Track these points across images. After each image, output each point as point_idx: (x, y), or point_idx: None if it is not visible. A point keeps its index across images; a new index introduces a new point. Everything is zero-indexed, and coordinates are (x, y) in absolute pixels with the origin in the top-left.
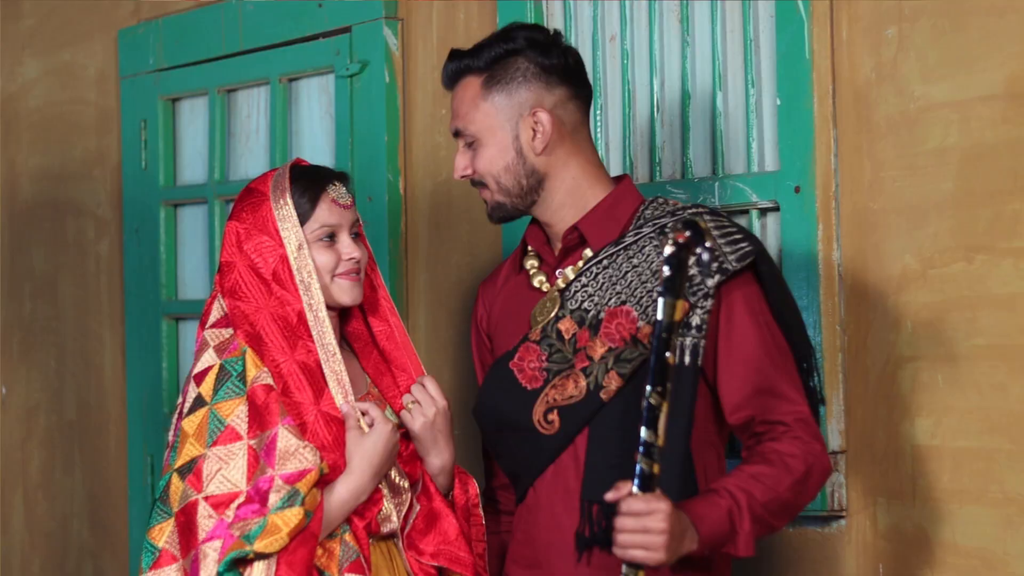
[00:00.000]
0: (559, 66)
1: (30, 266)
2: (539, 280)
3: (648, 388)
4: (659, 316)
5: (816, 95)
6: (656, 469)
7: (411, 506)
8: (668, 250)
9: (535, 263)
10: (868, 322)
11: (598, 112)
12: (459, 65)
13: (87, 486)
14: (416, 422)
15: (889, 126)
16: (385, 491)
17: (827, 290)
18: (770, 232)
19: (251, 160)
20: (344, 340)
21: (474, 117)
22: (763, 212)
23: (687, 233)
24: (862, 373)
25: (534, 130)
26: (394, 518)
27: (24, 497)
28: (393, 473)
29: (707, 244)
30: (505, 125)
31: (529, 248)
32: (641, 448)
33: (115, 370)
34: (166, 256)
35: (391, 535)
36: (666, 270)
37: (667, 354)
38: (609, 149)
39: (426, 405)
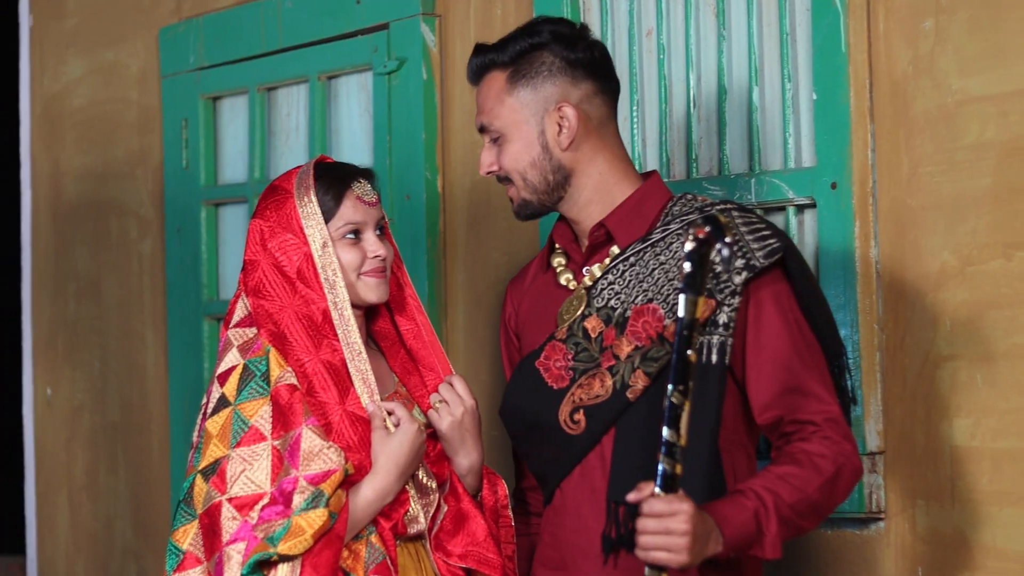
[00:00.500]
0: (585, 60)
1: (74, 266)
2: (566, 278)
3: (670, 387)
4: (680, 313)
5: (852, 89)
6: (679, 469)
7: (439, 507)
8: (689, 246)
9: (562, 261)
10: (906, 320)
11: (634, 108)
12: (484, 60)
13: (130, 487)
14: (444, 422)
15: (926, 120)
16: (412, 492)
17: (864, 288)
18: (807, 229)
19: (291, 159)
20: (371, 339)
21: (499, 112)
22: (800, 209)
23: (707, 229)
24: (900, 372)
25: (560, 125)
26: (421, 519)
27: (69, 498)
28: (420, 473)
29: (727, 239)
30: (530, 120)
31: (556, 246)
32: (663, 448)
33: (157, 371)
34: (207, 256)
35: (418, 536)
36: (687, 266)
37: (689, 352)
38: (646, 145)
39: (454, 404)
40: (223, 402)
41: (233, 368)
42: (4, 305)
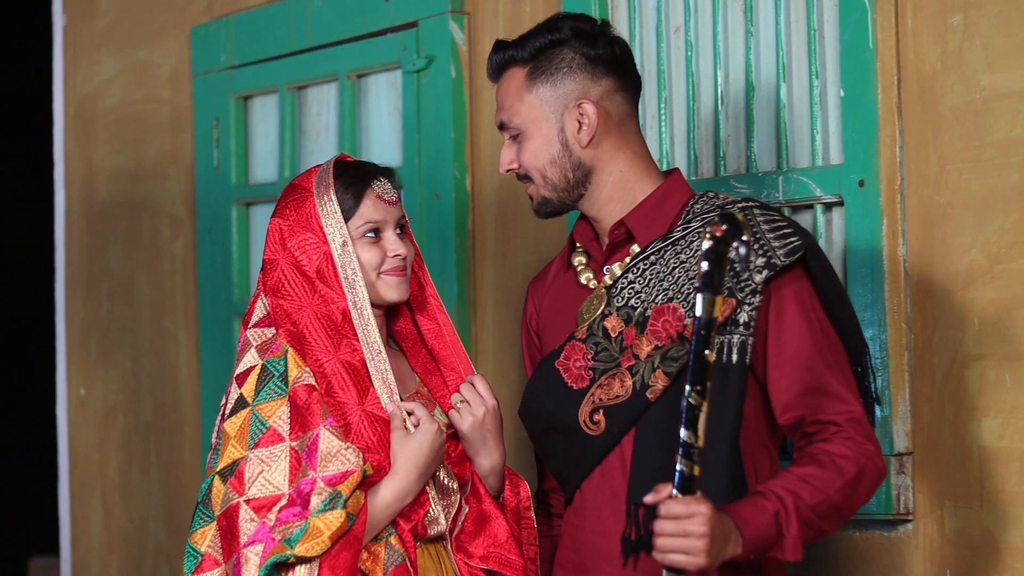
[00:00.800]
0: (605, 56)
1: (107, 266)
2: (586, 277)
3: (687, 387)
4: (698, 313)
5: (880, 86)
6: (696, 471)
7: (460, 508)
8: (705, 244)
9: (583, 259)
10: (934, 320)
11: (662, 105)
12: (504, 56)
13: (163, 488)
14: (465, 422)
15: (955, 117)
16: (432, 493)
17: (892, 287)
18: (835, 227)
19: (321, 158)
20: (392, 339)
21: (518, 109)
22: (828, 207)
23: (724, 227)
24: (928, 372)
25: (580, 122)
26: (442, 520)
27: (102, 499)
28: (442, 474)
29: (744, 238)
30: (550, 117)
31: (577, 244)
32: (680, 449)
33: (190, 371)
34: (238, 255)
35: (439, 537)
36: (704, 265)
37: (707, 352)
38: (674, 143)
39: (475, 404)
40: (241, 403)
41: (251, 368)
42: (38, 306)
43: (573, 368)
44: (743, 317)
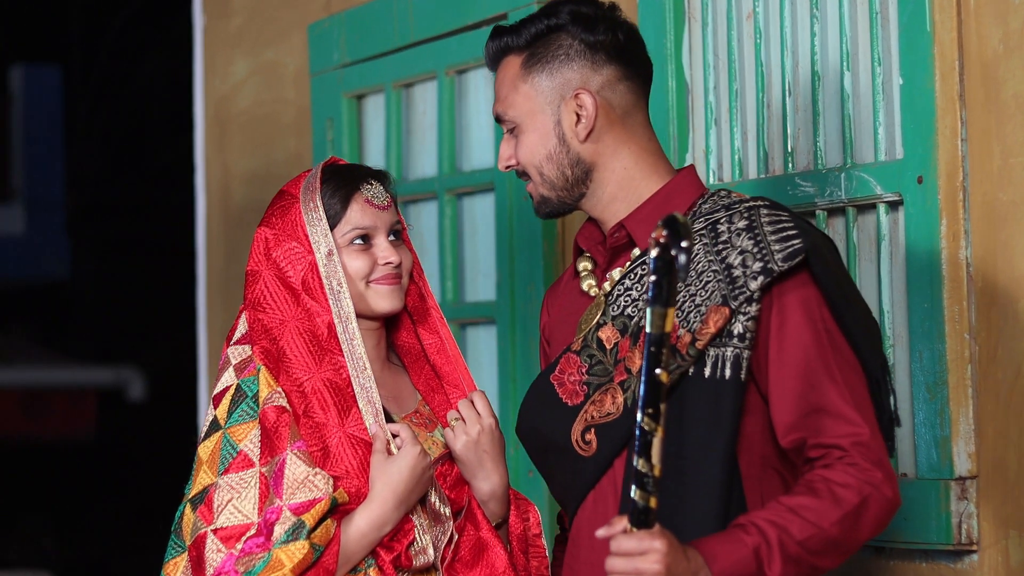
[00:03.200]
0: (607, 43)
1: (240, 271)
2: (588, 284)
3: (639, 412)
4: (647, 328)
5: (939, 72)
6: (653, 502)
7: (453, 535)
8: (653, 253)
9: (588, 265)
10: (999, 329)
11: (734, 100)
12: (500, 44)
13: None
14: (458, 441)
15: (1018, 105)
16: (418, 521)
17: (953, 293)
18: (899, 229)
19: (427, 159)
20: (394, 354)
21: (514, 100)
22: (892, 206)
23: (665, 232)
24: (992, 387)
25: (578, 114)
26: (430, 551)
27: None
28: (434, 499)
29: (683, 244)
30: (546, 109)
31: (583, 249)
32: (635, 479)
33: None
34: None
35: (428, 568)
36: (652, 276)
37: (658, 371)
38: (746, 140)
39: (470, 423)
40: (214, 425)
41: (227, 389)
42: (181, 311)
43: (568, 383)
44: (737, 328)
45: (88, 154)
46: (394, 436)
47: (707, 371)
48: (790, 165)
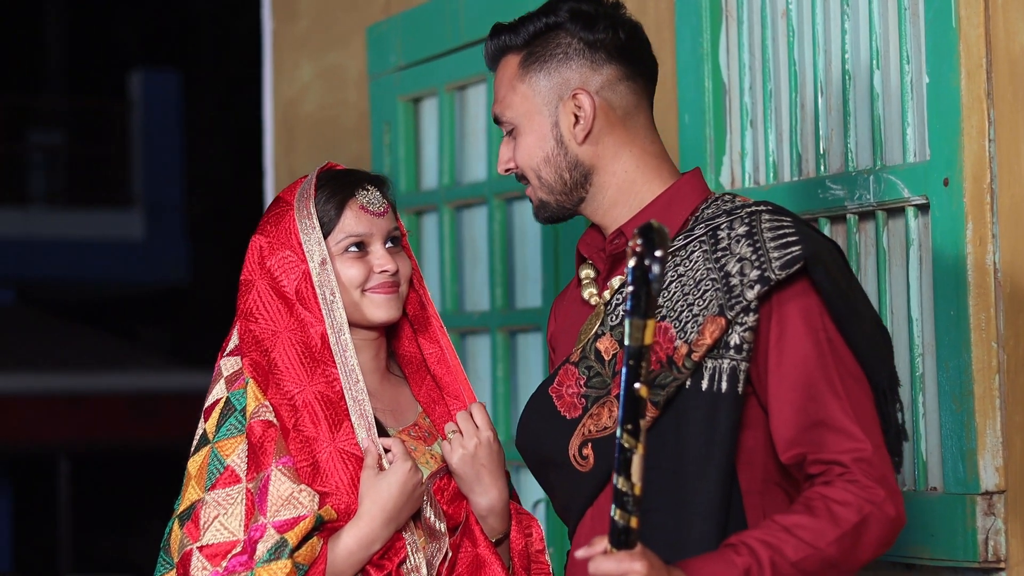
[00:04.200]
0: (607, 41)
1: None
2: (589, 292)
3: (618, 429)
4: (626, 341)
5: (964, 69)
6: (634, 522)
7: (448, 552)
8: (630, 263)
9: (591, 273)
10: None
11: (768, 100)
12: (498, 42)
13: None
14: (454, 455)
15: None
16: (411, 538)
17: (979, 300)
18: (928, 234)
19: (480, 163)
20: (396, 364)
21: (511, 101)
22: (921, 210)
23: (639, 241)
24: (1021, 398)
25: (576, 115)
26: (423, 569)
27: None
28: (430, 515)
29: (657, 253)
30: (543, 110)
31: (586, 256)
32: (614, 498)
33: None
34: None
35: None
36: (628, 287)
37: (637, 386)
38: (781, 142)
39: (468, 436)
40: (203, 439)
41: (217, 402)
42: None
43: (566, 395)
44: (734, 339)
45: (208, 159)
46: (386, 451)
47: (704, 384)
48: (822, 167)
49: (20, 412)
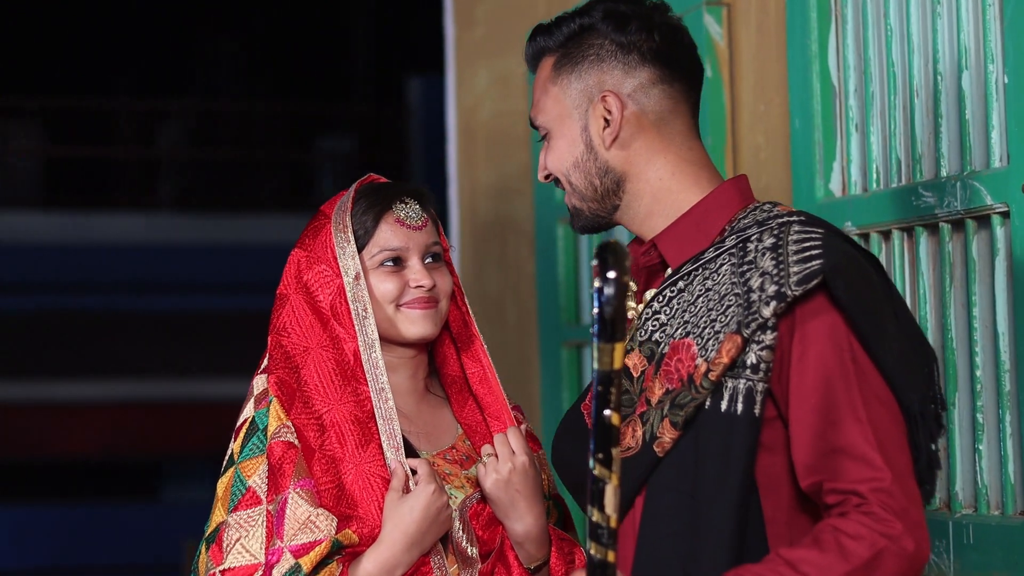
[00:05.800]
0: (640, 43)
1: (483, 288)
2: (629, 305)
3: (590, 458)
4: (594, 365)
5: None
6: (611, 556)
7: None
8: (595, 284)
9: (633, 286)
10: None
11: (869, 102)
12: (536, 45)
13: None
14: (488, 479)
15: None
16: (438, 562)
17: None
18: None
19: None
20: (438, 384)
21: (544, 105)
22: (1005, 217)
23: (594, 262)
24: None
25: (605, 119)
26: None
27: None
28: (463, 540)
29: (610, 275)
30: (573, 113)
31: None
32: (588, 531)
33: (533, 400)
34: (564, 276)
35: None
36: (595, 309)
37: (607, 412)
38: (885, 148)
39: (502, 460)
40: (230, 460)
41: (245, 421)
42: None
43: None
44: (751, 359)
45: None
46: (414, 473)
47: (723, 405)
48: (918, 173)
49: None
